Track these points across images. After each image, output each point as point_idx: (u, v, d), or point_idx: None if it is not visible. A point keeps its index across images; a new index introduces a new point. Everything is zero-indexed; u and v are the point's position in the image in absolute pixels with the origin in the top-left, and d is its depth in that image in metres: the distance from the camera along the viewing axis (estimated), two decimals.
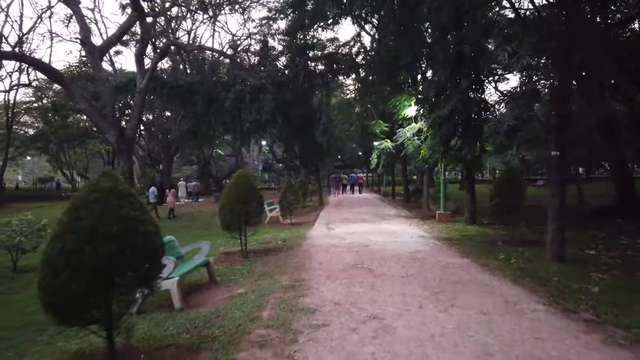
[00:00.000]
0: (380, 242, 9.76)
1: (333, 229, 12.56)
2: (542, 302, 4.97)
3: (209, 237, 12.31)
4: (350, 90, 33.55)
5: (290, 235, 11.89)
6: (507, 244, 8.96)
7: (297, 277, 6.45)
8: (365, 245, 9.40)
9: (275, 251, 9.33)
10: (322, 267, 7.19)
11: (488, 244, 9.08)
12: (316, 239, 10.72)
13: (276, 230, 13.41)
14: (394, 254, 8.19)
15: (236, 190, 8.69)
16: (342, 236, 10.94)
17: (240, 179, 8.83)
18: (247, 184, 8.82)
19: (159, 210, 20.59)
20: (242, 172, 9.02)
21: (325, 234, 11.53)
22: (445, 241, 9.69)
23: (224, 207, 8.70)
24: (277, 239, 11.32)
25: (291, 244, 10.13)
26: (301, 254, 8.57)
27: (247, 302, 5.40)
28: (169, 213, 20.57)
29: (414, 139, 13.85)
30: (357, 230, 12.10)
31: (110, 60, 34.74)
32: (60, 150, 44.09)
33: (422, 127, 13.70)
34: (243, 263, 8.24)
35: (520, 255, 7.58)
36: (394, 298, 5.16)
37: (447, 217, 13.49)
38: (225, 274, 7.52)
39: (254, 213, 8.84)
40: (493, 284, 5.76)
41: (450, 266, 6.92)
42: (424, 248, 8.81)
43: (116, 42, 18.75)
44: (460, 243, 9.34)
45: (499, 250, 8.24)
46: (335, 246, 9.41)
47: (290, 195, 15.16)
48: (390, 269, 6.84)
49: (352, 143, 44.31)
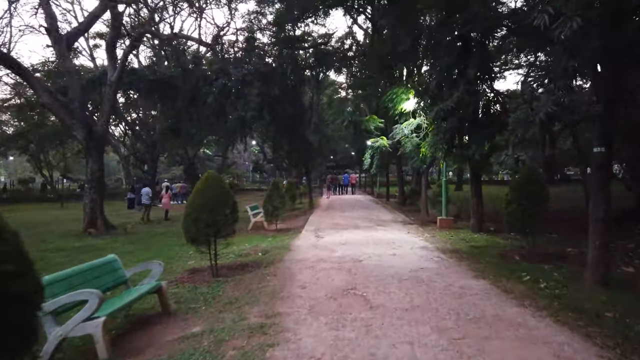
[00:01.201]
0: (375, 255, 8.31)
1: (322, 237, 11.11)
2: (606, 356, 3.55)
3: (183, 247, 10.81)
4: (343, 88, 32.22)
5: (272, 245, 10.42)
6: (526, 258, 7.55)
7: (271, 311, 4.97)
8: (358, 259, 7.95)
9: (252, 267, 7.84)
10: (305, 293, 5.71)
11: (504, 259, 7.66)
12: (302, 250, 9.25)
13: (258, 238, 11.95)
14: (394, 272, 6.74)
15: (203, 196, 7.21)
16: (331, 247, 9.48)
17: (208, 182, 7.34)
18: (218, 188, 7.33)
19: (150, 213, 19.13)
20: (211, 174, 7.52)
21: (312, 244, 10.07)
22: (452, 254, 8.26)
23: (188, 215, 7.23)
24: (257, 250, 9.84)
25: (272, 257, 8.64)
26: (281, 273, 7.10)
27: (197, 351, 3.94)
28: (165, 215, 19.24)
29: (412, 136, 12.44)
30: (350, 239, 10.66)
31: (91, 55, 33.09)
32: (41, 150, 42.17)
33: (422, 122, 12.30)
34: (210, 284, 6.75)
35: (550, 276, 6.17)
36: (399, 350, 3.70)
37: (450, 223, 12.10)
38: (185, 299, 6.03)
39: (226, 223, 7.35)
40: (528, 323, 4.32)
41: (465, 292, 5.48)
42: (428, 264, 7.37)
43: (85, 30, 17.14)
44: (470, 257, 7.91)
45: (520, 268, 6.82)
46: (322, 261, 7.94)
47: (276, 199, 13.67)
48: (391, 296, 5.39)
49: (345, 143, 43.05)
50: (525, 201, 7.23)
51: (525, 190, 7.29)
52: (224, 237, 7.42)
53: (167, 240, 12.67)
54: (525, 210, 7.17)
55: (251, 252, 9.60)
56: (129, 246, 11.99)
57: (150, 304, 5.90)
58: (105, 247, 11.76)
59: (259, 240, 11.58)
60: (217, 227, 7.22)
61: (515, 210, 7.28)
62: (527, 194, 7.26)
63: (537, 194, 7.22)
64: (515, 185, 7.56)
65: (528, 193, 7.23)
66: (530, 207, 7.16)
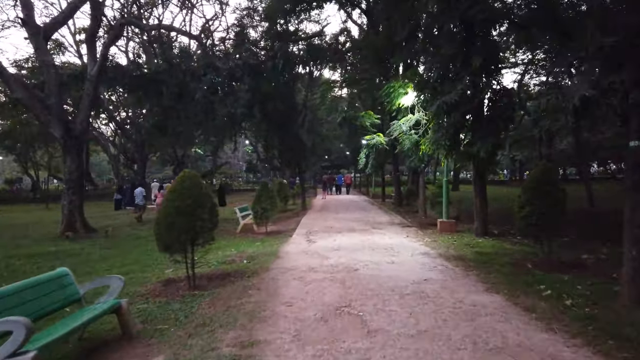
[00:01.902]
0: (373, 263, 7.48)
1: (314, 242, 10.27)
2: None
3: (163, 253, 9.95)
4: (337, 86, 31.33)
5: (260, 250, 9.57)
6: (540, 267, 6.75)
7: (248, 337, 4.12)
8: (353, 268, 7.12)
9: (235, 277, 6.99)
10: (291, 312, 4.87)
11: (515, 268, 6.85)
12: (291, 257, 8.40)
13: (246, 243, 11.12)
14: (394, 284, 5.92)
15: (178, 198, 6.36)
16: (324, 253, 8.65)
17: (184, 183, 6.49)
18: (195, 189, 6.47)
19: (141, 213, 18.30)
20: (188, 173, 6.66)
21: (303, 250, 9.22)
22: (457, 262, 7.45)
23: (161, 220, 6.38)
24: (242, 256, 8.98)
25: (258, 265, 7.79)
26: (266, 285, 6.25)
27: None
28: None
29: (411, 133, 11.64)
30: (344, 243, 9.83)
31: (78, 52, 32.03)
32: (29, 149, 40.99)
33: (421, 118, 11.50)
34: (185, 299, 5.89)
35: (573, 290, 5.36)
36: None
37: (451, 226, 11.29)
38: (153, 317, 5.17)
39: (205, 228, 6.51)
40: (564, 356, 3.51)
41: (480, 312, 4.66)
42: (432, 274, 6.54)
43: (64, 22, 16.17)
44: (478, 265, 7.10)
45: (536, 279, 6.02)
46: (313, 270, 7.11)
47: (265, 200, 12.82)
48: (392, 317, 4.56)
49: (340, 142, 42.28)
50: (541, 203, 6.43)
51: (541, 191, 6.48)
52: (201, 245, 6.59)
53: (147, 245, 11.76)
54: (541, 214, 6.37)
55: (236, 259, 8.75)
56: (106, 251, 11.11)
57: (111, 325, 5.04)
58: (80, 253, 10.88)
59: (247, 245, 10.75)
60: (194, 234, 6.39)
61: (530, 213, 6.47)
62: (542, 195, 6.46)
63: (554, 194, 6.42)
64: (529, 185, 6.74)
65: (544, 194, 6.42)
66: (547, 210, 6.36)
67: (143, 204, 18.69)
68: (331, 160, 48.65)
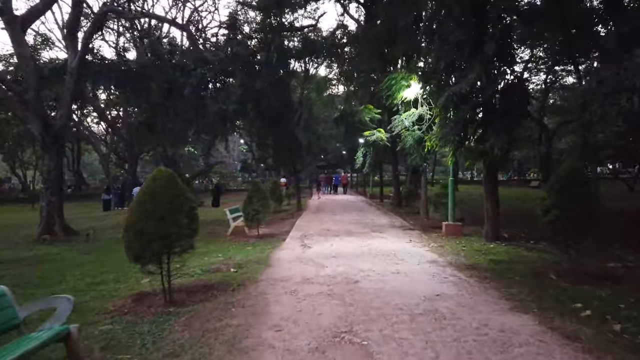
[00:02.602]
0: (375, 273, 6.62)
1: (309, 247, 9.40)
2: None
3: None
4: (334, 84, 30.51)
5: (250, 257, 8.69)
6: (565, 277, 5.90)
7: None
8: (353, 279, 6.25)
9: (218, 291, 6.10)
10: (279, 340, 3.98)
11: (538, 279, 6.01)
12: (283, 266, 7.52)
13: (236, 247, 10.24)
14: (402, 301, 5.05)
15: (150, 201, 5.48)
16: (320, 260, 7.77)
17: (157, 182, 5.62)
18: (169, 190, 5.59)
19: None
20: (162, 172, 5.77)
21: (297, 256, 8.34)
22: (470, 272, 6.59)
23: (130, 226, 5.49)
24: (230, 264, 8.09)
25: (246, 275, 6.91)
26: (252, 302, 5.36)
27: None
28: None
29: (414, 129, 10.79)
30: (342, 249, 8.97)
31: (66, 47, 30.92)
32: (17, 147, 39.82)
33: (424, 113, 10.67)
34: (157, 318, 5.00)
35: (615, 310, 4.52)
36: None
37: (458, 230, 10.46)
38: (116, 343, 4.28)
39: (182, 235, 5.63)
40: None
41: (511, 340, 3.79)
42: (445, 288, 5.68)
43: (43, 11, 15.22)
44: (495, 276, 6.24)
45: (567, 294, 5.17)
46: (308, 281, 6.23)
47: (257, 201, 11.92)
48: (403, 347, 3.69)
49: (336, 142, 41.43)
50: (569, 206, 5.59)
51: (569, 193, 5.64)
52: (178, 254, 5.71)
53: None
54: (569, 219, 5.52)
55: (222, 267, 7.86)
56: (84, 256, 10.20)
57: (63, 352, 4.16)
58: (54, 259, 9.98)
59: (236, 250, 9.88)
60: (170, 242, 5.51)
61: (557, 218, 5.62)
62: (571, 197, 5.61)
63: (586, 196, 5.58)
64: (555, 186, 5.89)
65: (574, 196, 5.58)
66: (577, 215, 5.51)
67: None
68: (327, 160, 47.76)
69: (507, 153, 8.02)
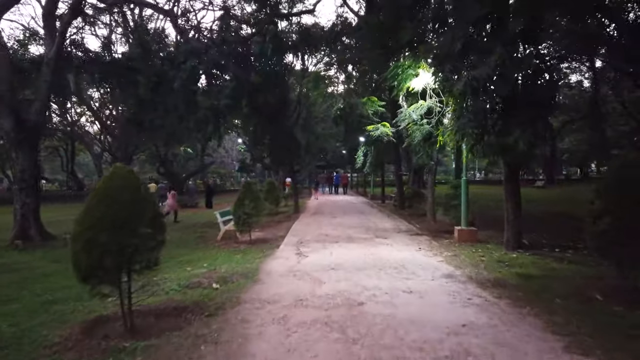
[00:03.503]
0: (382, 292, 5.49)
1: (305, 256, 8.28)
2: None
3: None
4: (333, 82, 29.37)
5: (237, 268, 7.57)
6: (616, 299, 4.78)
7: None
8: (357, 301, 5.12)
9: (193, 314, 4.98)
10: None
11: (585, 301, 4.89)
12: (274, 280, 6.39)
13: (224, 255, 9.16)
14: (420, 337, 3.92)
15: (103, 204, 4.39)
16: (317, 274, 6.65)
17: (113, 183, 4.51)
18: (128, 192, 4.49)
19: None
20: (119, 170, 4.65)
21: (290, 268, 7.21)
22: (498, 291, 5.46)
23: (78, 237, 4.39)
24: (213, 276, 6.97)
25: (227, 294, 5.76)
26: (229, 335, 4.21)
27: None
28: (174, 217, 17.09)
29: (422, 123, 9.68)
30: (342, 258, 7.84)
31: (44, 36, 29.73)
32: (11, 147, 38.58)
33: (434, 105, 9.56)
34: (106, 358, 3.91)
35: None
36: None
37: (472, 236, 9.34)
38: None
39: (144, 248, 4.53)
40: None
41: None
42: (471, 314, 4.55)
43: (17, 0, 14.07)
44: (529, 297, 5.10)
45: (631, 323, 4.06)
46: (301, 304, 5.10)
47: (249, 203, 10.80)
48: None
49: (336, 141, 40.35)
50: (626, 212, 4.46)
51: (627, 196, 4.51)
52: (137, 272, 4.60)
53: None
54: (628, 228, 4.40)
55: (204, 281, 6.74)
56: (53, 266, 9.07)
57: None
58: (21, 267, 8.92)
59: (224, 258, 8.78)
60: (128, 256, 4.41)
61: (611, 227, 4.50)
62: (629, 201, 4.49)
63: None
64: (608, 186, 4.76)
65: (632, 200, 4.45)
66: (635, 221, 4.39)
67: None
68: (327, 160, 46.64)
69: (533, 148, 6.89)
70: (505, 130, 6.93)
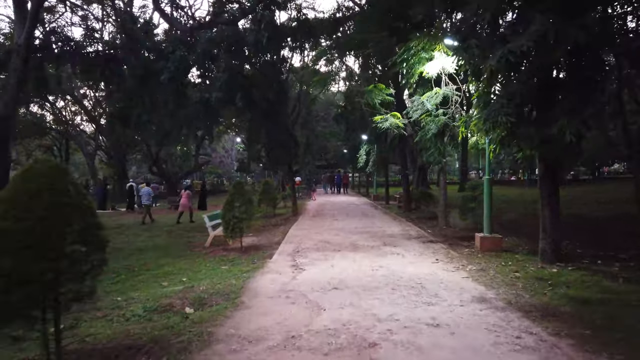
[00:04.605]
0: (401, 325, 4.18)
1: (302, 270, 6.97)
2: None
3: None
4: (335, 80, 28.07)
5: (219, 284, 6.27)
6: None
7: None
8: (367, 341, 3.81)
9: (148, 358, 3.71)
10: None
11: None
12: (261, 306, 5.07)
13: (208, 267, 7.93)
14: None
15: (10, 216, 3.11)
16: (315, 296, 5.34)
17: (25, 185, 3.23)
18: (45, 197, 3.20)
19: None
20: (37, 167, 3.35)
21: (283, 286, 5.90)
22: (553, 324, 4.14)
23: None
24: (188, 297, 5.67)
25: (198, 328, 4.44)
26: None
27: None
28: (190, 217, 16.28)
29: (438, 114, 8.39)
30: (346, 273, 6.54)
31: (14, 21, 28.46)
32: None
33: (450, 93, 8.28)
34: None
35: None
36: None
37: (497, 244, 8.03)
38: None
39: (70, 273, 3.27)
40: None
41: None
42: None
43: None
44: (601, 336, 3.79)
45: None
46: (293, 345, 3.80)
47: (240, 206, 9.50)
48: None
49: (336, 140, 39.08)
50: None
51: None
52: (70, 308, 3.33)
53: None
54: None
55: (177, 302, 5.46)
56: None
57: None
58: None
59: (208, 271, 7.54)
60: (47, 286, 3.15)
61: None
62: None
63: None
64: None
65: None
66: None
67: (149, 203, 16.44)
68: (327, 159, 45.34)
69: (581, 140, 5.59)
70: (544, 119, 5.64)
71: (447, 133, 9.02)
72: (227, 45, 14.67)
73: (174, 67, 14.44)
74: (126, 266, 8.55)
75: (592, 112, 5.33)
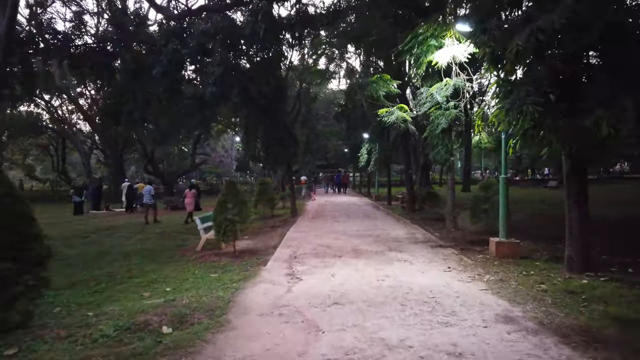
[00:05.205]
0: (415, 355, 3.43)
1: (298, 280, 6.24)
2: None
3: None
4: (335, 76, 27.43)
5: (204, 297, 5.54)
6: None
7: None
8: None
9: None
10: None
11: None
12: (249, 325, 4.34)
13: (197, 273, 7.24)
14: None
15: None
16: (312, 313, 4.62)
17: None
18: None
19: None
20: None
21: (276, 300, 5.17)
22: (598, 352, 3.42)
23: None
24: (167, 313, 4.93)
25: (173, 352, 3.75)
26: None
27: None
28: (187, 217, 15.59)
29: (449, 107, 7.66)
30: (348, 283, 5.81)
31: None
32: None
33: (462, 84, 7.55)
34: None
35: None
36: None
37: (514, 250, 7.29)
38: None
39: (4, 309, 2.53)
40: None
41: None
42: None
43: None
44: None
45: None
46: None
47: (233, 208, 8.78)
48: None
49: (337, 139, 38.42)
50: None
51: None
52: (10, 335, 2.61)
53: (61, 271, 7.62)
54: None
55: (153, 319, 4.73)
56: None
57: None
58: None
59: (195, 280, 6.81)
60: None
61: None
62: None
63: None
64: None
65: None
66: None
67: (151, 203, 15.67)
68: (327, 159, 44.67)
69: (619, 133, 4.85)
70: (580, 108, 4.90)
71: (454, 129, 8.32)
72: (222, 38, 13.95)
73: (166, 60, 13.72)
74: (108, 273, 7.81)
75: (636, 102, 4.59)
